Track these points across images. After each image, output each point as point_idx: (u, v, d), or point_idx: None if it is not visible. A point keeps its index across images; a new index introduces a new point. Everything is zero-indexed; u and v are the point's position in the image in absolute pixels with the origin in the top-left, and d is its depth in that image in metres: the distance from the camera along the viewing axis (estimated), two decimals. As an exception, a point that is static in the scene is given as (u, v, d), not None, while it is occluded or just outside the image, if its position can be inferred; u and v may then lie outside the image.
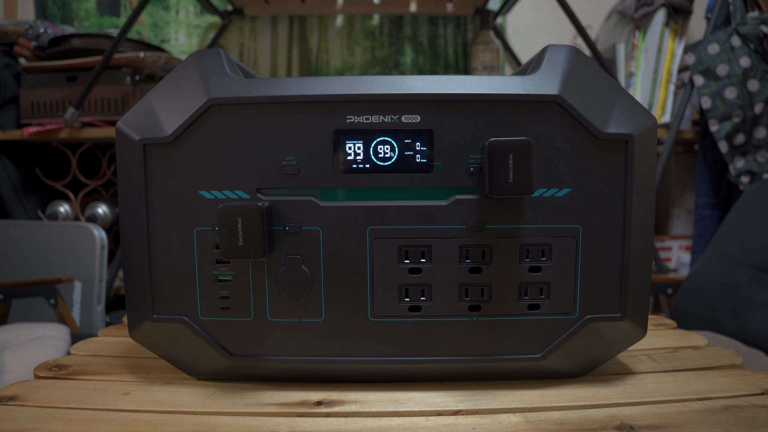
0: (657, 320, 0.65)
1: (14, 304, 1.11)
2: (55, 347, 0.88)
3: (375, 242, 0.43)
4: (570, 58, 0.43)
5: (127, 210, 0.43)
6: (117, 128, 0.43)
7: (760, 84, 1.20)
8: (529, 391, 0.44)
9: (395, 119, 0.42)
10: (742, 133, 1.23)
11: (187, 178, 0.43)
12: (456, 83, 0.42)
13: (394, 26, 1.76)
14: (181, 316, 0.44)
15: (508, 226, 0.43)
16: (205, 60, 0.44)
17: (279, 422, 0.39)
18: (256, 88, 0.42)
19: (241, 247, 0.40)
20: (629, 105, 0.43)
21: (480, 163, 0.42)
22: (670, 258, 1.52)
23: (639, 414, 0.40)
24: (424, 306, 0.44)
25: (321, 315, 0.44)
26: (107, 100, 1.33)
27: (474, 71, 1.59)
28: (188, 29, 1.76)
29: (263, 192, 0.43)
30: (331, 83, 0.42)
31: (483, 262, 0.43)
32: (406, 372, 0.45)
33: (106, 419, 0.40)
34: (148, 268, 0.43)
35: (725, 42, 1.22)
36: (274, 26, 1.76)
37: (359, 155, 0.43)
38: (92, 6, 1.75)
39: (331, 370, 0.45)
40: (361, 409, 0.41)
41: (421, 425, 0.39)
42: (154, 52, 1.35)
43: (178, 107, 0.42)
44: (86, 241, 1.27)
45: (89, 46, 1.36)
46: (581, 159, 0.42)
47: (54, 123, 1.33)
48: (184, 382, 0.46)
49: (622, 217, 0.43)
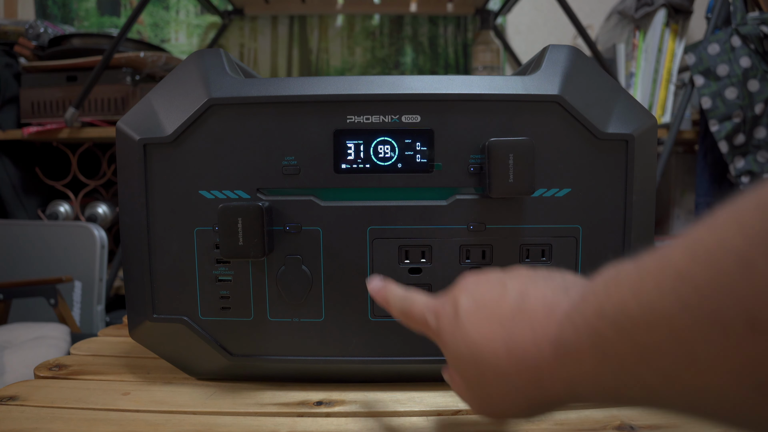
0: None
1: (14, 304, 1.10)
2: (55, 347, 0.88)
3: (375, 242, 0.43)
4: (570, 58, 0.43)
5: (127, 210, 0.43)
6: (117, 128, 0.43)
7: (760, 84, 1.19)
8: (529, 391, 0.44)
9: (395, 119, 0.42)
10: (743, 134, 1.23)
11: (187, 178, 0.43)
12: (456, 83, 0.42)
13: (395, 26, 1.76)
14: (181, 316, 0.44)
15: (508, 226, 0.43)
16: (206, 60, 0.44)
17: (279, 422, 0.39)
18: (256, 88, 0.42)
19: (241, 247, 0.40)
20: (629, 105, 0.43)
21: (480, 163, 0.42)
22: (670, 258, 1.52)
23: (639, 414, 0.40)
24: (424, 306, 0.44)
25: (321, 315, 0.44)
26: (107, 100, 1.33)
27: (474, 71, 1.59)
28: (188, 29, 1.76)
29: (263, 192, 0.43)
30: (331, 83, 0.42)
31: (483, 262, 0.43)
32: (406, 372, 0.45)
33: (106, 419, 0.40)
34: (148, 268, 0.43)
35: (725, 42, 1.22)
36: (275, 26, 1.76)
37: (359, 155, 0.43)
38: (92, 6, 1.75)
39: (331, 370, 0.45)
40: (361, 409, 0.41)
41: (421, 425, 0.39)
42: (155, 52, 1.35)
43: (179, 107, 0.42)
44: (86, 241, 1.27)
45: (89, 45, 1.36)
46: (581, 159, 0.42)
47: (54, 123, 1.33)
48: (184, 382, 0.46)
49: (622, 217, 0.42)
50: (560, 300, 0.25)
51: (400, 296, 0.34)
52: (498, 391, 0.26)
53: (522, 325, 0.25)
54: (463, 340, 0.28)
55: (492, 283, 0.29)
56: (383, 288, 0.36)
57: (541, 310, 0.25)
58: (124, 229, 0.44)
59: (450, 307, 0.30)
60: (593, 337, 0.21)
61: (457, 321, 0.29)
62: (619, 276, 0.21)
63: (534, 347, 0.24)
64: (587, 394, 0.23)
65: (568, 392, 0.24)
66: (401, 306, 0.34)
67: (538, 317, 0.25)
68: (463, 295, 0.29)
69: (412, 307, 0.33)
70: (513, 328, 0.26)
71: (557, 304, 0.25)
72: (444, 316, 0.30)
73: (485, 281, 0.30)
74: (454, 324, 0.29)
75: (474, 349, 0.27)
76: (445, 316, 0.30)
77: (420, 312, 0.32)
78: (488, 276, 0.30)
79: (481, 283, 0.30)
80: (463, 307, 0.29)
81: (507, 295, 0.27)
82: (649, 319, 0.18)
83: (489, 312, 0.27)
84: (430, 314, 0.31)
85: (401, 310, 0.34)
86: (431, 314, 0.31)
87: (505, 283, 0.29)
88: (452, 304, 0.30)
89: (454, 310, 0.29)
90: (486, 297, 0.28)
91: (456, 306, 0.29)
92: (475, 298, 0.29)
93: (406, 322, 0.34)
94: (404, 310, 0.34)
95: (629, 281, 0.20)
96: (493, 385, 0.26)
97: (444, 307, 0.30)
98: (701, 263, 0.17)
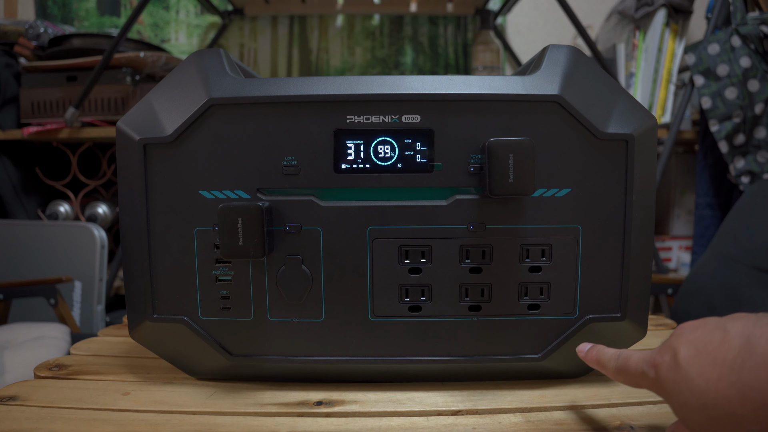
0: (657, 320, 0.64)
1: (14, 304, 1.10)
2: (55, 347, 0.88)
3: (375, 242, 0.43)
4: (570, 58, 0.43)
5: (127, 210, 0.43)
6: (117, 128, 0.43)
7: (760, 84, 1.19)
8: (529, 391, 0.44)
9: (395, 119, 0.42)
10: (743, 134, 1.23)
11: (187, 178, 0.43)
12: (456, 83, 0.42)
13: (395, 26, 1.76)
14: (181, 316, 0.44)
15: (508, 226, 0.43)
16: (206, 60, 0.44)
17: (279, 422, 0.39)
18: (257, 88, 0.42)
19: (241, 247, 0.40)
20: (629, 105, 0.43)
21: (480, 163, 0.42)
22: (670, 258, 1.52)
23: (639, 414, 0.40)
24: (425, 306, 0.44)
25: (321, 315, 0.44)
26: (107, 99, 1.33)
27: (474, 71, 1.59)
28: (188, 29, 1.76)
29: (263, 192, 0.43)
30: (331, 83, 0.42)
31: (483, 262, 0.43)
32: (406, 372, 0.45)
33: (106, 419, 0.40)
34: (148, 268, 0.43)
35: (725, 42, 1.22)
36: (275, 26, 1.76)
37: (359, 155, 0.43)
38: (92, 6, 1.75)
39: (331, 370, 0.45)
40: (361, 409, 0.41)
41: (421, 425, 0.39)
42: (154, 52, 1.35)
43: (179, 107, 0.42)
44: (86, 241, 1.27)
45: (89, 45, 1.36)
46: (581, 159, 0.42)
47: (54, 123, 1.33)
48: (184, 382, 0.46)
49: (622, 217, 0.42)
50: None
51: (614, 355, 0.35)
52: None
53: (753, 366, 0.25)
54: (688, 389, 0.27)
55: (711, 328, 0.29)
56: (594, 349, 0.37)
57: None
58: (124, 229, 0.44)
59: (669, 356, 0.29)
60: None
61: (677, 369, 0.28)
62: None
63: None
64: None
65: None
66: (616, 364, 0.34)
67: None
68: (681, 343, 0.29)
69: (628, 363, 0.33)
70: (742, 371, 0.25)
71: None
72: (663, 366, 0.30)
73: (702, 326, 0.29)
74: (675, 372, 0.29)
75: (702, 397, 0.27)
76: (665, 366, 0.29)
77: (637, 366, 0.32)
78: (706, 322, 0.30)
79: (698, 328, 0.29)
80: (682, 354, 0.28)
81: (729, 338, 0.27)
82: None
83: (711, 358, 0.27)
84: (648, 367, 0.31)
85: (616, 368, 0.34)
86: (649, 367, 0.31)
87: (726, 328, 0.28)
88: (671, 354, 0.29)
89: (673, 359, 0.29)
90: (706, 341, 0.28)
91: (675, 354, 0.29)
92: (694, 344, 0.28)
93: (623, 379, 0.34)
94: (619, 367, 0.34)
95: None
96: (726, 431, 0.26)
97: (662, 357, 0.30)
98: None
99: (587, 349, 0.38)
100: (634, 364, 0.33)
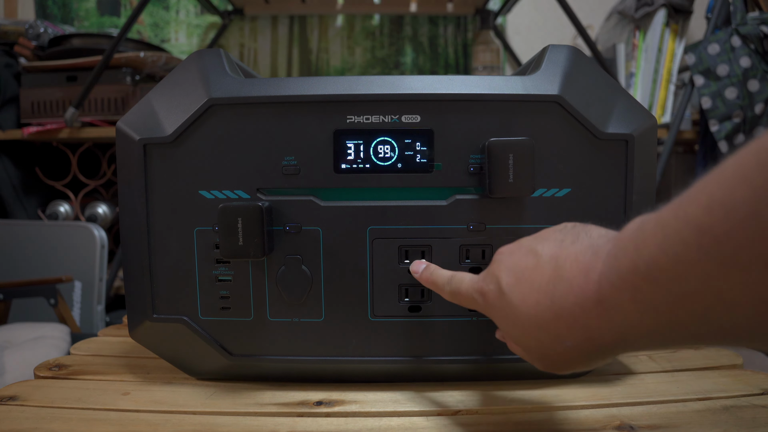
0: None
1: (14, 304, 1.10)
2: (55, 347, 0.88)
3: (375, 242, 0.43)
4: (570, 58, 0.43)
5: (127, 210, 0.43)
6: (117, 128, 0.43)
7: (760, 84, 1.19)
8: (529, 391, 0.44)
9: (395, 119, 0.42)
10: (743, 134, 1.23)
11: (187, 178, 0.43)
12: (456, 83, 0.42)
13: (394, 26, 1.76)
14: (181, 316, 0.44)
15: (508, 226, 0.43)
16: (206, 60, 0.44)
17: (279, 422, 0.39)
18: (257, 88, 0.42)
19: (241, 247, 0.40)
20: (629, 105, 0.43)
21: (480, 163, 0.42)
22: (670, 258, 1.52)
23: (639, 414, 0.40)
24: (424, 306, 0.44)
25: (321, 315, 0.44)
26: (107, 99, 1.33)
27: (474, 71, 1.59)
28: (188, 29, 1.76)
29: (263, 192, 0.43)
30: (331, 83, 0.42)
31: (483, 262, 0.43)
32: (406, 372, 0.45)
33: (106, 419, 0.40)
34: (148, 268, 0.43)
35: (725, 42, 1.22)
36: (275, 26, 1.76)
37: (359, 155, 0.43)
38: (92, 6, 1.75)
39: (331, 370, 0.45)
40: (361, 409, 0.41)
41: (421, 425, 0.39)
42: (154, 52, 1.35)
43: (179, 107, 0.42)
44: (86, 241, 1.27)
45: (89, 45, 1.36)
46: (581, 159, 0.42)
47: (54, 123, 1.33)
48: (184, 382, 0.46)
49: (622, 217, 0.42)
50: (592, 262, 0.27)
51: (447, 278, 0.37)
52: (555, 351, 0.29)
53: (563, 290, 0.28)
54: (513, 314, 0.30)
55: (525, 253, 0.31)
56: (427, 270, 0.40)
57: (578, 275, 0.27)
58: (124, 229, 0.44)
59: (493, 284, 0.32)
60: (632, 292, 0.24)
61: (502, 297, 0.31)
62: (645, 234, 0.23)
63: (579, 308, 0.27)
64: (634, 341, 0.26)
65: (618, 342, 0.26)
66: (450, 288, 0.37)
67: (577, 281, 0.27)
68: (501, 270, 0.32)
69: (460, 288, 0.36)
70: (555, 296, 0.28)
71: (592, 267, 0.27)
72: (489, 295, 0.32)
73: (518, 250, 0.32)
74: (500, 300, 0.31)
75: (525, 321, 0.30)
76: (491, 295, 0.32)
77: (467, 293, 0.35)
78: (520, 246, 0.33)
79: (514, 254, 0.32)
80: (504, 281, 0.31)
81: (542, 263, 0.30)
82: (679, 270, 0.21)
83: (529, 284, 0.30)
84: (477, 295, 0.34)
85: (450, 292, 0.37)
86: (478, 294, 0.34)
87: (537, 251, 0.31)
88: (494, 282, 0.32)
89: (497, 287, 0.32)
90: (522, 266, 0.31)
91: (498, 283, 0.32)
92: (513, 270, 0.31)
93: (457, 302, 0.37)
94: (453, 291, 0.37)
95: (656, 239, 0.22)
96: (549, 347, 0.29)
97: (488, 285, 0.33)
98: (717, 217, 0.20)
99: (422, 269, 0.40)
100: (465, 290, 0.35)
